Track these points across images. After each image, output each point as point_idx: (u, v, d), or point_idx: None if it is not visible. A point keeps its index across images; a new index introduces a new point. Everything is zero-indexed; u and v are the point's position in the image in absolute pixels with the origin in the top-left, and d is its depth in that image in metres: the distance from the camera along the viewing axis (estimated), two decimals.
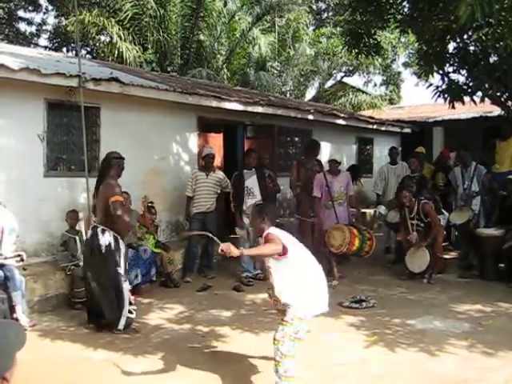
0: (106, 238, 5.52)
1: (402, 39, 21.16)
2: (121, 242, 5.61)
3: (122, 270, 5.56)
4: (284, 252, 3.90)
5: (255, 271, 7.87)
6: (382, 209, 9.27)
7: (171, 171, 8.80)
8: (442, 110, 13.40)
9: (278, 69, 19.05)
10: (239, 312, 6.32)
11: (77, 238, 6.72)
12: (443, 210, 8.76)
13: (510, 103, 8.68)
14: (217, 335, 5.46)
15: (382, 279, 7.90)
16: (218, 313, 6.17)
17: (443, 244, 8.40)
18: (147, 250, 7.06)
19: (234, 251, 3.79)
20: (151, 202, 7.64)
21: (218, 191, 7.94)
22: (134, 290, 6.80)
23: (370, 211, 11.63)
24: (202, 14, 16.08)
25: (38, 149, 7.11)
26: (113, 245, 5.53)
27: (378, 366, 4.60)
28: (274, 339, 3.87)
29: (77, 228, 6.82)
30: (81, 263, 6.57)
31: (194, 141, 9.34)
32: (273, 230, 4.05)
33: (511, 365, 4.60)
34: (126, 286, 5.59)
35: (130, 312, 5.57)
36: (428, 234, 7.71)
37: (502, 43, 6.72)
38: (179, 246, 8.13)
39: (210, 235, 4.53)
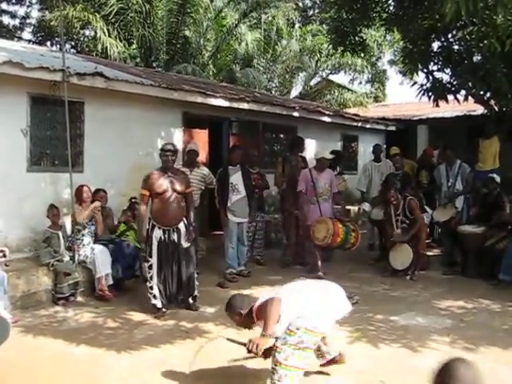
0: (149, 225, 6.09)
1: (388, 37, 21.24)
2: (156, 228, 6.01)
3: (149, 258, 6.02)
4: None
5: (239, 267, 7.88)
6: (365, 206, 9.32)
7: (156, 167, 8.68)
8: (426, 109, 13.46)
9: (264, 65, 19.03)
10: (223, 308, 6.30)
11: (60, 233, 6.66)
12: (426, 208, 8.83)
13: (492, 102, 8.77)
14: (200, 331, 5.46)
15: (366, 276, 7.94)
16: (202, 309, 6.16)
17: (426, 241, 8.48)
18: (130, 245, 7.02)
19: (263, 343, 3.64)
20: (135, 198, 7.60)
21: (203, 187, 7.91)
22: (117, 285, 6.84)
23: (354, 208, 11.69)
24: (188, 10, 16.00)
25: (21, 143, 7.04)
26: (150, 231, 6.05)
27: (361, 361, 4.63)
28: (274, 345, 3.75)
29: (60, 223, 6.76)
30: (64, 259, 6.56)
31: (179, 136, 9.30)
32: (256, 307, 3.89)
33: (491, 360, 4.65)
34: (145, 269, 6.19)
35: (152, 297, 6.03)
36: (412, 228, 7.77)
37: (485, 42, 6.78)
38: None
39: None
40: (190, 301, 6.20)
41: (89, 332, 5.41)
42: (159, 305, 6.00)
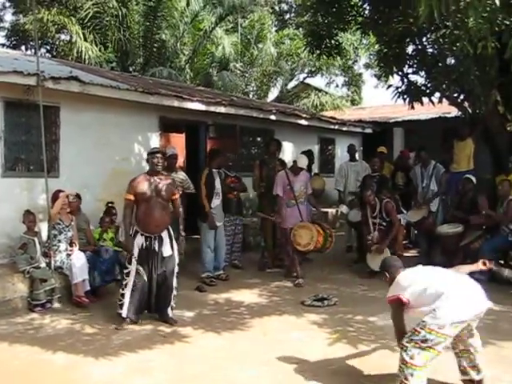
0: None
1: (364, 41, 21.43)
2: (138, 235, 5.81)
3: (128, 265, 5.81)
4: (401, 302, 4.03)
5: (218, 271, 7.87)
6: (343, 208, 9.37)
7: (133, 171, 8.59)
8: (402, 111, 13.64)
9: (242, 69, 19.07)
10: (202, 312, 6.31)
11: (36, 239, 6.58)
12: (402, 209, 8.91)
13: (466, 104, 8.89)
14: (179, 335, 5.44)
15: (344, 278, 7.99)
16: (180, 313, 6.12)
17: (403, 242, 8.55)
18: (108, 250, 6.96)
19: None
20: (112, 203, 7.55)
21: (180, 192, 7.87)
22: (94, 291, 6.77)
23: (332, 210, 11.75)
24: (163, 14, 15.97)
25: None
26: (132, 237, 5.85)
27: (340, 362, 4.66)
28: (401, 344, 3.92)
29: (35, 230, 6.69)
30: (41, 265, 6.48)
31: (155, 141, 9.26)
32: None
33: None
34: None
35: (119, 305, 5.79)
36: (389, 233, 7.84)
37: (458, 45, 6.88)
38: None
39: None
40: (169, 314, 5.89)
41: (66, 339, 5.35)
42: (124, 314, 5.74)
